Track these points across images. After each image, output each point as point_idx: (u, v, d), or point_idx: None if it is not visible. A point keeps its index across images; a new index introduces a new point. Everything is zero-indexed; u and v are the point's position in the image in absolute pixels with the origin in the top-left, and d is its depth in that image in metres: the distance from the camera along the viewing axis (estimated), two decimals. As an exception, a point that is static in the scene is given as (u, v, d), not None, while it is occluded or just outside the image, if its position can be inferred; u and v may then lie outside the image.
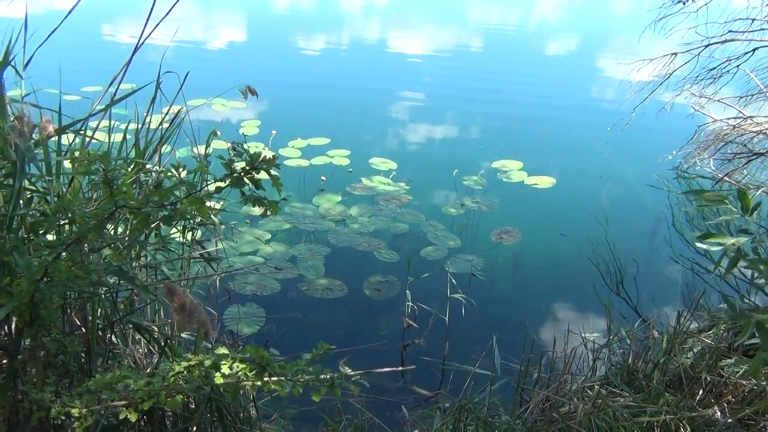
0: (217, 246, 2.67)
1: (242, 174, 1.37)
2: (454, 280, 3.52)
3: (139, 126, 2.05)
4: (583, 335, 2.60)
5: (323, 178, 4.88)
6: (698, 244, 3.55)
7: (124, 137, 2.11)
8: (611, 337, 2.67)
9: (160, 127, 2.12)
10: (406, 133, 6.43)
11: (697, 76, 4.26)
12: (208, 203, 1.33)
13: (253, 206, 1.36)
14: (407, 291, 3.28)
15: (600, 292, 3.52)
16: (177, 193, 1.32)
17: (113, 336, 1.84)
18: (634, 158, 5.70)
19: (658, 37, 4.16)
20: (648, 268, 3.88)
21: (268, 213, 1.39)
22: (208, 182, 1.42)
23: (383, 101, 7.69)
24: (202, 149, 2.56)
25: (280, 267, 3.72)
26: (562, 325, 3.16)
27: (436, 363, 2.97)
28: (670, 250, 4.05)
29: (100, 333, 1.73)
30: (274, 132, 5.93)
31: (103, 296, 1.64)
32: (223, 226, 3.40)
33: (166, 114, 2.12)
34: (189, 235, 2.16)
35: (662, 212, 4.63)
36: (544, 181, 5.24)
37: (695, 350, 2.29)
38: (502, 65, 9.54)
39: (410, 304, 3.21)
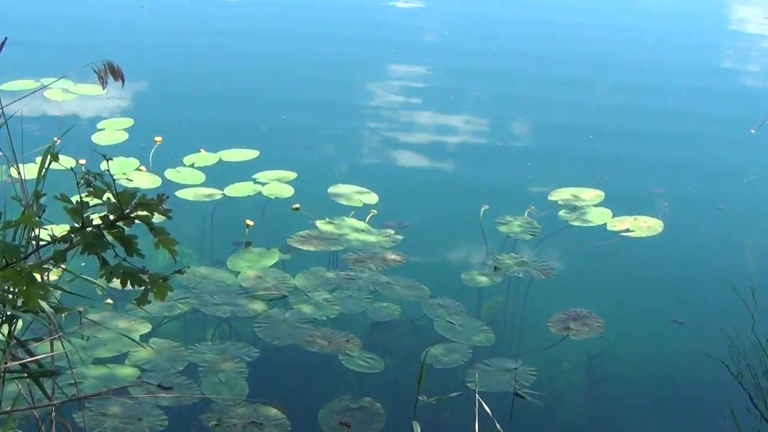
0: (52, 348, 2.68)
1: (102, 228, 1.42)
2: (485, 406, 3.39)
3: None
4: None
5: (296, 205, 5.21)
6: None
7: None
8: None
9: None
10: (394, 140, 6.47)
11: None
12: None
13: (123, 286, 1.46)
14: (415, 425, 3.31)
15: (744, 423, 3.45)
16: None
17: None
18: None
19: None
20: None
21: (151, 299, 1.51)
22: (41, 242, 1.55)
23: (352, 81, 7.67)
24: (30, 172, 2.62)
25: (167, 385, 3.75)
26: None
27: None
28: None
29: None
30: (157, 140, 5.86)
31: None
32: (64, 315, 3.23)
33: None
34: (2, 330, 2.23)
35: None
36: (644, 226, 5.28)
37: None
38: (566, 14, 9.71)
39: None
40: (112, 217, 1.43)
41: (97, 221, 1.45)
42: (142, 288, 1.50)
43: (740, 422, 3.41)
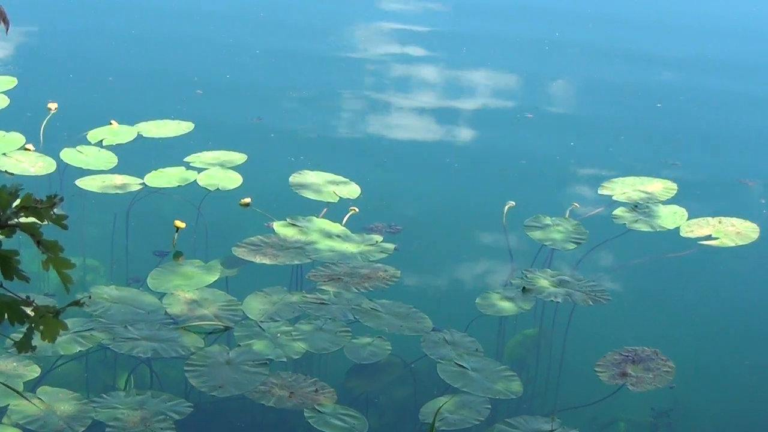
0: None
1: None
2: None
3: None
4: None
5: (246, 200, 5.22)
6: None
7: None
8: None
9: None
10: (384, 107, 6.54)
11: None
12: None
13: (-1, 321, 1.45)
14: None
15: None
16: None
17: None
18: None
19: None
20: None
21: (37, 342, 1.52)
22: None
23: (327, 24, 7.73)
24: None
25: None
26: None
27: None
28: None
29: None
30: (51, 107, 5.90)
31: None
32: None
33: None
34: None
35: None
36: (731, 231, 5.29)
37: None
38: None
39: None
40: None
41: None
42: (26, 325, 1.49)
43: None
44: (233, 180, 5.42)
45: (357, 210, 5.21)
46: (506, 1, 8.16)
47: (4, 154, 5.31)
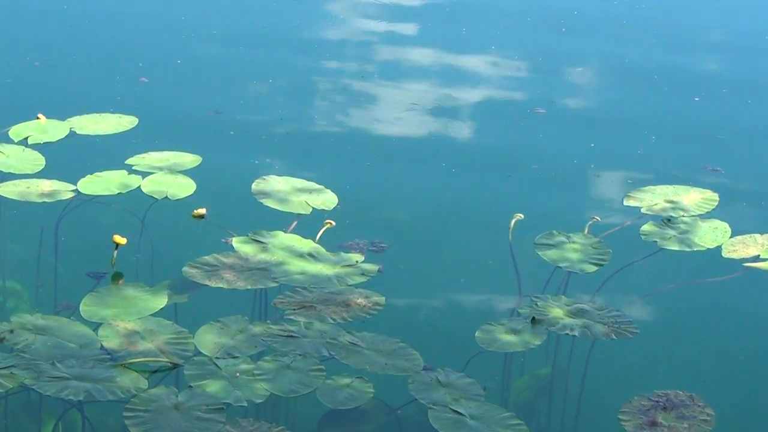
0: None
1: None
2: None
3: None
4: None
5: (199, 211, 5.21)
6: None
7: None
8: None
9: None
10: (367, 98, 6.58)
11: None
12: None
13: None
14: None
15: None
16: None
17: None
18: None
19: None
20: None
21: None
22: None
23: (295, 4, 7.87)
24: None
25: None
26: None
27: None
28: None
29: None
30: None
31: None
32: None
33: None
34: None
35: None
36: None
37: None
38: None
39: None
40: None
41: None
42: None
43: None
44: (184, 187, 5.42)
45: (333, 223, 5.21)
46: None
47: None
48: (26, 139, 5.60)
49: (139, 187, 5.37)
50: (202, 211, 5.21)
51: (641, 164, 5.98)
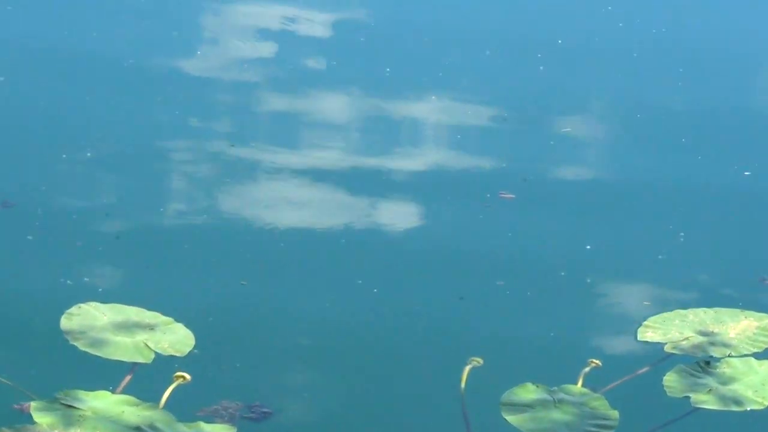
0: None
1: None
2: None
3: None
4: None
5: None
6: None
7: None
8: None
9: None
10: (247, 170, 6.86)
11: None
12: None
13: None
14: None
15: None
16: None
17: None
18: None
19: None
20: None
21: None
22: None
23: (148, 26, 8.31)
24: None
25: None
26: None
27: None
28: None
29: None
30: None
31: None
32: None
33: None
34: None
35: None
36: None
37: None
38: None
39: None
40: None
41: None
42: None
43: None
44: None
45: (188, 377, 5.18)
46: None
47: None
48: None
49: None
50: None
51: (664, 275, 6.10)
